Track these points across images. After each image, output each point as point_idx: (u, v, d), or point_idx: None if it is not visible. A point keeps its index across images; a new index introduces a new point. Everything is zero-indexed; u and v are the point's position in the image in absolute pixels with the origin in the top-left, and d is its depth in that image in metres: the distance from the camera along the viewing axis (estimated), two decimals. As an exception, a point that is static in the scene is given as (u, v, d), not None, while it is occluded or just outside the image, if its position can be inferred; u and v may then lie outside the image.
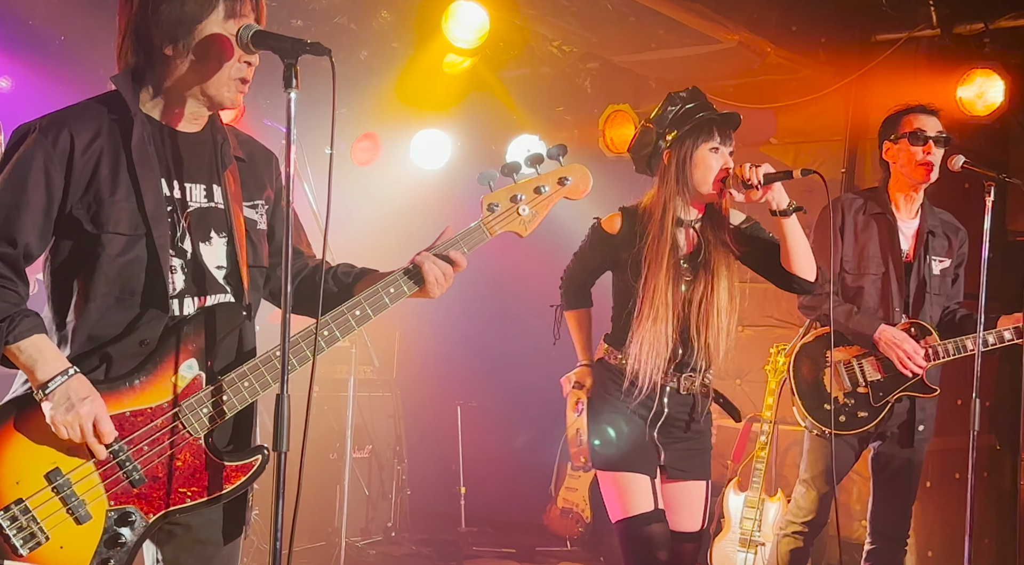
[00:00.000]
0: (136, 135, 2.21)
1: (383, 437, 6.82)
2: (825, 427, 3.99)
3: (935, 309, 4.08)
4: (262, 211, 2.40)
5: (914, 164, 3.98)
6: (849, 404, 3.99)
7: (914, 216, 4.09)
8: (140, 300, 2.20)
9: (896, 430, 4.07)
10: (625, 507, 3.30)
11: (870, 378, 3.98)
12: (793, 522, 4.17)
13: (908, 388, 4.01)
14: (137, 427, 2.17)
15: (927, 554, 5.79)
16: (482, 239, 2.41)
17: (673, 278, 3.30)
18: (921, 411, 4.07)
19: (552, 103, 6.97)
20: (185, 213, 2.25)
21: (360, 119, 7.08)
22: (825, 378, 4.01)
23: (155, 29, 2.20)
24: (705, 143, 3.31)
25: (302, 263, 2.52)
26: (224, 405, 2.21)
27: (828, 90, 5.86)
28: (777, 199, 3.23)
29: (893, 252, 4.05)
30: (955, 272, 4.17)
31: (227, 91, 2.25)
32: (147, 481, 2.17)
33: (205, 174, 2.30)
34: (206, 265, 2.26)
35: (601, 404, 3.42)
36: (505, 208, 2.42)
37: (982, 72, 5.43)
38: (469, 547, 6.56)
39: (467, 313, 7.73)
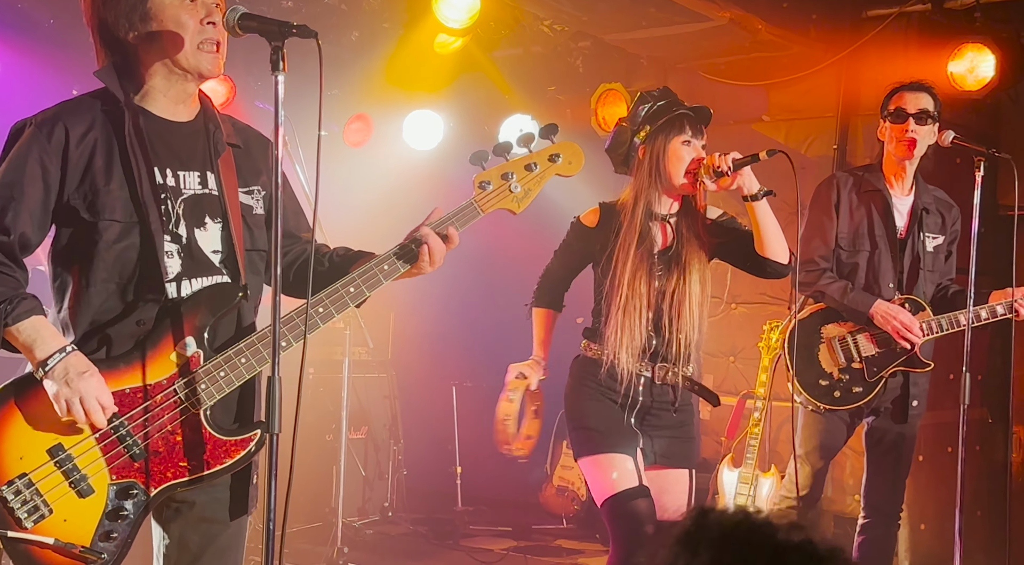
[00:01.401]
0: (128, 125, 2.27)
1: (379, 418, 6.85)
2: (820, 403, 4.02)
3: (928, 285, 4.11)
4: (258, 196, 2.44)
5: (895, 141, 4.02)
6: (844, 379, 4.02)
7: (908, 193, 4.12)
8: (137, 284, 2.26)
9: (890, 405, 4.10)
10: (609, 486, 3.33)
11: (865, 353, 4.01)
12: (787, 497, 4.20)
13: (902, 363, 4.04)
14: (137, 403, 2.21)
15: (920, 527, 5.84)
16: (474, 216, 2.44)
17: (646, 270, 3.35)
18: (914, 386, 4.10)
19: (544, 83, 6.96)
20: (179, 200, 2.30)
21: (352, 100, 7.06)
22: (820, 354, 4.03)
23: (113, 21, 2.28)
24: (677, 137, 3.39)
25: (301, 248, 2.56)
26: (222, 381, 2.25)
27: (819, 67, 5.85)
28: (747, 184, 3.29)
29: (887, 229, 4.07)
30: (948, 249, 4.20)
31: (199, 58, 2.30)
32: (147, 455, 2.21)
33: (199, 161, 2.36)
34: (202, 249, 2.32)
35: (578, 394, 3.46)
36: (497, 186, 2.44)
37: (973, 47, 5.43)
38: (466, 526, 6.61)
39: (462, 293, 7.75)
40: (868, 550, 4.19)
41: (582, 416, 3.43)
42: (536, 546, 6.30)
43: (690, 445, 3.52)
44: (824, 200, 4.11)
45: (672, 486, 3.46)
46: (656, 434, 3.44)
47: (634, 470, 3.35)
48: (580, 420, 3.44)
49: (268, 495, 2.05)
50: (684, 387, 3.45)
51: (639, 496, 3.31)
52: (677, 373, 3.41)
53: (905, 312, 3.97)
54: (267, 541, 2.04)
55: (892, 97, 4.08)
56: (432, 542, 6.36)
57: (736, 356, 6.34)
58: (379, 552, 5.99)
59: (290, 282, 2.51)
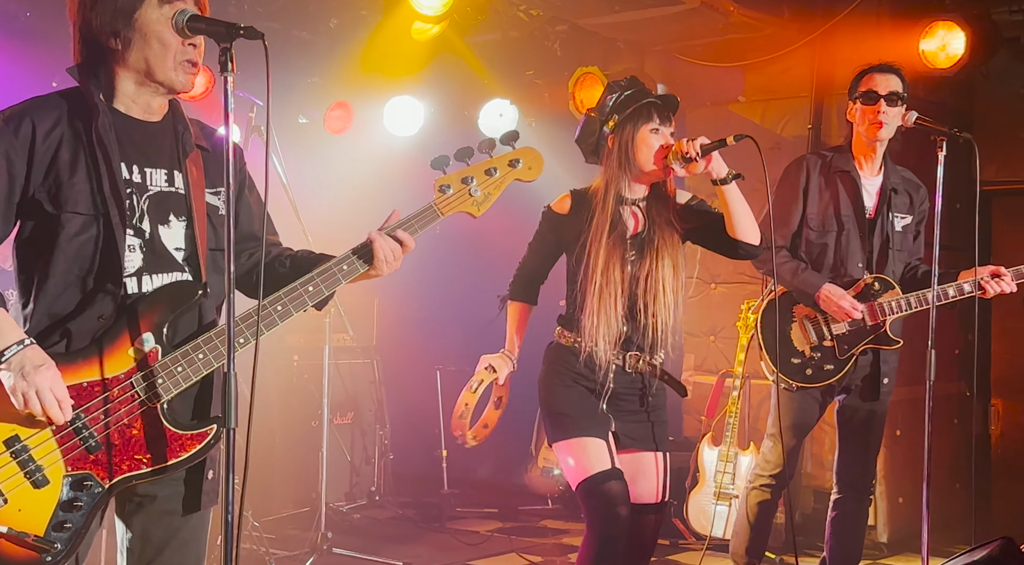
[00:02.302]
0: (96, 122, 2.30)
1: (364, 403, 6.91)
2: (793, 380, 4.07)
3: (898, 264, 4.16)
4: (223, 198, 2.47)
5: (866, 122, 4.06)
6: (816, 357, 4.07)
7: (877, 173, 4.16)
8: (96, 277, 2.29)
9: (860, 383, 4.16)
10: (583, 469, 3.37)
11: (836, 331, 4.06)
12: (761, 475, 4.26)
13: (872, 341, 4.09)
14: (94, 396, 2.26)
15: (898, 501, 5.92)
16: (433, 219, 2.48)
17: (619, 256, 3.38)
18: (885, 364, 4.16)
19: (522, 67, 6.97)
20: (144, 196, 2.34)
21: (332, 87, 7.08)
22: (792, 333, 4.09)
23: (97, 25, 2.30)
24: (645, 125, 3.42)
25: (267, 250, 2.59)
26: (179, 376, 2.29)
27: (793, 47, 5.88)
28: (716, 168, 3.33)
29: (856, 209, 4.11)
30: (916, 228, 4.25)
31: (175, 75, 2.34)
32: (103, 448, 2.25)
33: (166, 160, 2.40)
34: (164, 246, 2.35)
35: (551, 381, 3.49)
36: (457, 190, 2.49)
37: (943, 24, 5.47)
38: (452, 508, 6.68)
39: (445, 278, 7.80)
40: (841, 525, 4.26)
41: (555, 402, 3.48)
42: (522, 527, 6.38)
43: (662, 429, 3.56)
44: (792, 181, 4.16)
45: (645, 469, 3.50)
46: (629, 418, 3.48)
47: (607, 453, 3.39)
48: (553, 406, 3.48)
49: (226, 488, 2.10)
50: (654, 376, 3.49)
51: (612, 478, 3.36)
52: (649, 362, 3.46)
53: (848, 298, 4.02)
54: (226, 533, 2.09)
55: (862, 79, 4.12)
56: (419, 525, 6.44)
57: (716, 335, 6.40)
58: (366, 536, 6.06)
59: (253, 283, 2.55)
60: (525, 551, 5.74)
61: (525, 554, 5.67)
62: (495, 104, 6.94)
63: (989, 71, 6.04)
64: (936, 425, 4.03)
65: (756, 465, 4.34)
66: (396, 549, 5.75)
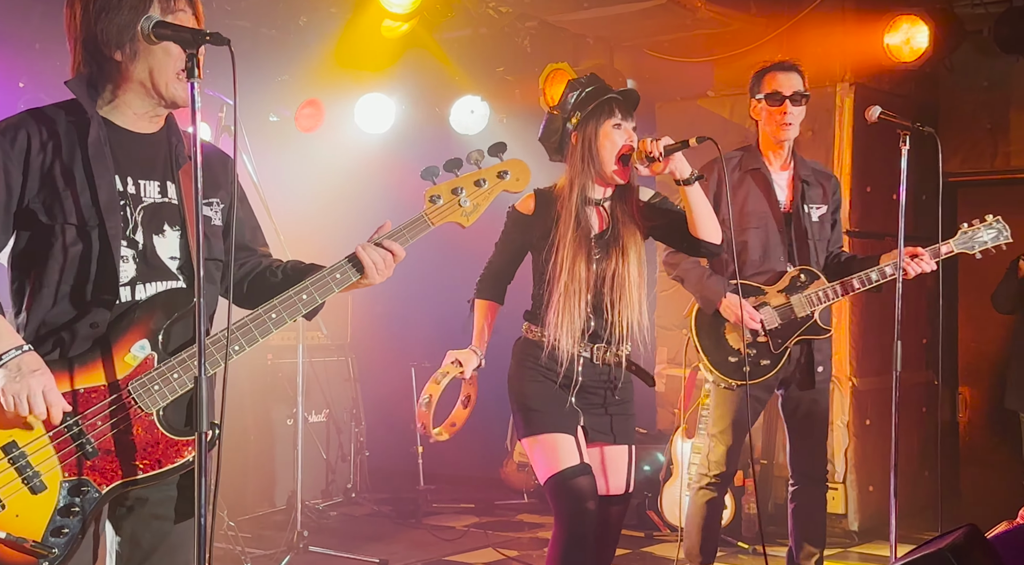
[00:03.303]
0: (92, 134, 2.34)
1: (340, 401, 6.92)
2: (732, 379, 4.11)
3: (819, 254, 4.22)
4: (216, 208, 2.52)
5: (774, 123, 4.11)
6: (751, 354, 4.10)
7: (786, 168, 4.21)
8: (91, 288, 2.32)
9: (798, 375, 4.21)
10: (552, 464, 3.41)
11: (768, 326, 4.11)
12: (706, 475, 4.28)
13: (804, 332, 4.14)
14: (91, 403, 2.28)
15: (868, 489, 6.00)
16: (424, 229, 2.54)
17: (584, 254, 3.42)
18: (818, 353, 4.22)
19: (493, 63, 7.00)
20: (138, 207, 2.38)
21: (302, 85, 7.08)
22: (727, 332, 4.13)
23: (102, 38, 2.33)
24: (608, 120, 3.45)
25: (256, 260, 2.64)
26: (175, 382, 2.31)
27: (761, 42, 5.94)
28: (679, 169, 3.37)
29: (771, 204, 4.16)
30: (832, 217, 4.32)
31: (179, 88, 2.37)
32: (100, 454, 2.27)
33: (160, 172, 2.43)
34: (159, 256, 2.39)
35: (520, 376, 3.52)
36: (447, 200, 2.54)
37: (907, 18, 5.54)
38: (428, 504, 6.71)
39: (418, 275, 7.80)
40: (801, 514, 4.31)
41: (524, 397, 3.51)
42: (498, 522, 6.42)
43: (630, 422, 3.61)
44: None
45: (613, 462, 3.55)
46: (597, 411, 3.52)
47: (575, 448, 3.43)
48: (522, 401, 3.51)
49: (198, 490, 2.12)
50: (624, 367, 3.53)
51: (581, 474, 3.40)
52: (616, 354, 3.50)
53: (748, 306, 4.06)
54: (199, 534, 2.11)
55: (764, 78, 4.16)
56: (395, 522, 6.46)
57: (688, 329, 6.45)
58: (342, 534, 6.08)
59: (244, 294, 2.59)
60: (501, 545, 5.78)
61: (501, 548, 5.71)
62: (466, 101, 6.96)
63: (953, 64, 6.13)
64: (905, 414, 4.10)
65: (700, 465, 4.35)
66: (373, 546, 5.78)
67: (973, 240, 4.15)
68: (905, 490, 5.09)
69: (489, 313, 3.66)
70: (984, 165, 6.38)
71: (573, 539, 3.38)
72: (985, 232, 4.15)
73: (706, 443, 4.35)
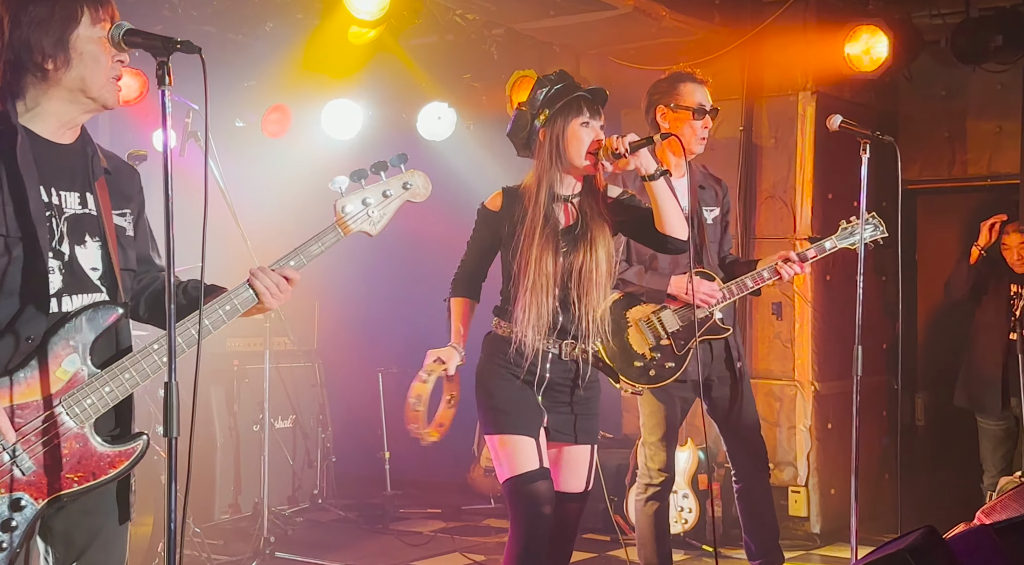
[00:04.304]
0: (18, 145, 2.34)
1: (306, 406, 6.91)
2: (638, 384, 4.15)
3: (713, 256, 4.33)
4: (129, 219, 2.56)
5: (693, 136, 4.20)
6: (656, 357, 4.15)
7: (683, 175, 4.26)
8: (20, 299, 2.33)
9: (724, 372, 4.29)
10: (511, 466, 3.45)
11: (670, 329, 4.16)
12: (650, 485, 4.31)
13: (705, 332, 4.21)
14: (25, 420, 2.30)
15: (830, 492, 6.08)
16: (336, 239, 2.60)
17: (552, 249, 3.46)
18: (734, 349, 4.32)
19: (460, 70, 7.03)
20: (63, 218, 2.40)
21: (269, 91, 7.07)
22: (630, 337, 4.16)
23: (32, 48, 2.34)
24: (576, 118, 3.49)
25: (153, 275, 2.67)
26: (107, 396, 2.35)
27: (724, 51, 6.01)
28: (645, 165, 3.42)
29: None
30: (724, 219, 4.42)
31: (108, 91, 2.41)
32: (36, 469, 2.29)
33: (79, 183, 2.45)
34: (82, 267, 2.41)
35: (488, 371, 3.55)
36: (356, 210, 2.61)
37: (867, 28, 5.64)
38: (395, 509, 6.72)
39: (386, 280, 7.83)
40: (751, 512, 4.38)
41: (491, 395, 3.53)
42: (465, 527, 6.44)
43: (594, 421, 3.65)
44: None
45: (574, 461, 3.59)
46: (562, 410, 3.56)
47: (536, 452, 3.47)
48: (489, 398, 3.54)
49: (169, 496, 2.13)
50: (590, 363, 3.56)
51: (539, 478, 3.44)
52: (585, 349, 3.54)
53: (703, 282, 4.16)
54: (168, 541, 2.12)
55: (681, 89, 4.23)
56: (362, 527, 6.46)
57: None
58: (308, 540, 6.07)
59: (140, 310, 2.63)
60: (468, 550, 5.80)
61: (468, 553, 5.73)
62: (433, 107, 6.99)
63: (912, 74, 6.24)
64: (865, 418, 4.17)
65: (640, 476, 4.37)
66: (339, 552, 5.78)
67: (852, 235, 4.31)
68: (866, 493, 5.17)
69: (465, 310, 3.69)
70: (942, 173, 6.50)
71: (528, 541, 3.44)
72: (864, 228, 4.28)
73: (644, 453, 4.37)
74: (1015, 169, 6.14)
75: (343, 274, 7.66)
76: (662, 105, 4.25)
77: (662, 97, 4.26)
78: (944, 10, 5.90)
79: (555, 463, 3.55)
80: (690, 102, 4.19)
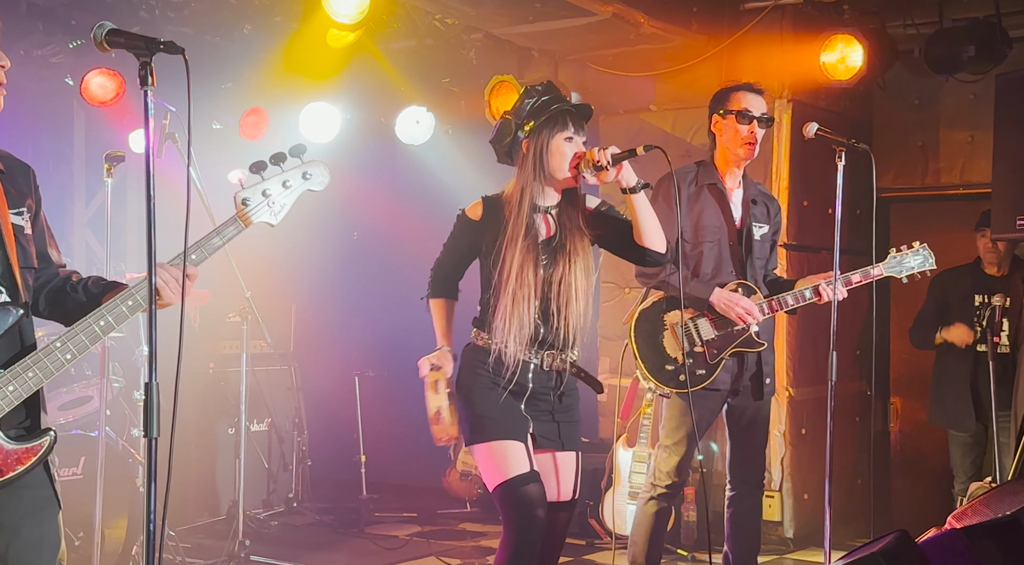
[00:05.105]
0: None
1: (282, 410, 6.89)
2: (667, 387, 4.20)
3: (758, 271, 4.35)
4: (27, 218, 2.56)
5: (740, 141, 4.22)
6: (688, 363, 4.18)
7: (739, 186, 4.33)
8: None
9: (748, 383, 4.32)
10: (502, 472, 3.44)
11: (705, 337, 4.20)
12: (657, 486, 4.34)
13: (740, 344, 4.25)
14: None
15: (803, 497, 6.13)
16: (238, 231, 2.64)
17: (532, 261, 3.47)
18: (767, 365, 4.34)
19: (438, 74, 7.03)
20: None
21: (246, 93, 7.05)
22: (664, 341, 4.21)
23: None
24: (560, 133, 3.51)
25: (52, 272, 2.67)
26: (11, 395, 2.36)
27: (701, 58, 6.06)
28: (626, 177, 3.44)
29: (727, 220, 4.28)
30: (772, 238, 4.46)
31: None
32: None
33: None
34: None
35: (470, 382, 3.55)
36: (257, 202, 2.65)
37: (842, 38, 5.69)
38: (371, 513, 6.71)
39: (361, 284, 7.82)
40: (740, 520, 4.40)
41: (474, 404, 3.53)
42: (440, 530, 6.43)
43: (576, 428, 3.66)
44: (665, 195, 4.26)
45: (560, 469, 3.60)
46: (545, 419, 3.57)
47: (525, 456, 3.47)
48: (472, 408, 3.54)
49: (148, 497, 2.12)
50: (570, 373, 3.58)
51: (530, 481, 3.44)
52: (564, 360, 3.55)
53: (744, 298, 4.19)
54: (147, 541, 2.12)
55: (732, 96, 4.27)
56: (337, 531, 6.44)
57: (630, 339, 6.53)
58: (283, 543, 6.04)
59: (41, 307, 2.63)
60: (444, 554, 5.79)
61: (444, 557, 5.73)
62: (411, 111, 7.00)
63: (886, 83, 6.30)
64: (838, 423, 4.21)
65: (651, 475, 4.40)
66: (314, 556, 5.76)
67: (901, 265, 4.35)
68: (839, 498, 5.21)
69: (446, 310, 3.70)
70: (915, 181, 6.57)
71: (521, 546, 3.42)
72: (912, 258, 4.35)
73: (656, 454, 4.39)
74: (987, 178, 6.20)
75: (320, 277, 7.66)
76: (716, 113, 4.28)
77: (717, 105, 4.29)
78: (918, 20, 5.97)
79: (542, 471, 3.54)
80: (736, 106, 4.21)
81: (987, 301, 5.60)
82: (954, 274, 5.84)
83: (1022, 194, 4.80)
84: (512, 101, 6.36)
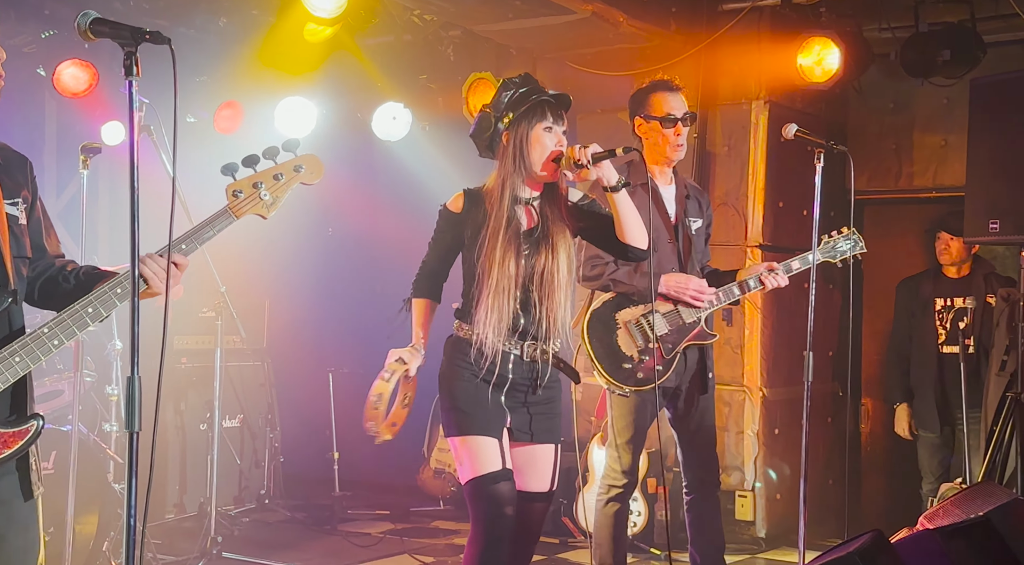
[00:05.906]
0: None
1: (255, 406, 6.85)
2: (625, 385, 4.19)
3: (696, 265, 4.39)
4: (21, 208, 2.57)
5: (668, 145, 4.25)
6: (644, 360, 4.19)
7: (670, 182, 4.36)
8: None
9: (696, 380, 4.33)
10: (474, 467, 3.45)
11: (659, 332, 4.21)
12: (613, 486, 4.33)
13: (693, 338, 4.26)
14: None
15: (776, 497, 6.17)
16: (229, 222, 2.66)
17: (514, 251, 3.48)
18: (708, 359, 4.37)
19: (416, 71, 7.02)
20: None
21: (221, 87, 7.00)
22: (619, 339, 4.19)
23: None
24: (539, 123, 3.52)
25: (48, 262, 2.67)
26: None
27: (680, 58, 6.07)
28: (607, 176, 3.45)
29: (663, 217, 4.30)
30: (707, 231, 4.50)
31: None
32: None
33: None
34: None
35: (451, 373, 3.56)
36: (248, 194, 2.66)
37: (819, 40, 5.73)
38: (344, 511, 6.68)
39: (336, 280, 7.78)
40: (700, 524, 4.40)
41: (453, 396, 3.54)
42: (414, 528, 6.42)
43: (556, 421, 3.66)
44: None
45: (538, 461, 3.60)
46: (524, 410, 3.57)
47: (498, 453, 3.48)
48: (451, 400, 3.54)
49: (128, 492, 2.10)
50: (551, 364, 3.58)
51: (502, 479, 3.45)
52: (545, 350, 3.55)
53: (693, 278, 4.23)
54: (127, 537, 2.09)
55: (651, 99, 4.29)
56: (310, 528, 6.41)
57: (605, 338, 6.54)
58: (255, 541, 6.01)
59: (35, 296, 2.63)
60: (417, 552, 5.78)
61: (417, 555, 5.72)
62: (388, 107, 6.97)
63: (861, 86, 6.36)
64: (811, 424, 4.24)
65: (604, 476, 4.39)
66: (287, 553, 5.73)
67: (835, 250, 4.43)
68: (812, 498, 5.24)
69: (426, 311, 3.69)
70: (889, 184, 6.63)
71: (489, 542, 3.44)
72: (844, 242, 4.43)
73: (610, 454, 4.39)
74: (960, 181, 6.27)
75: (294, 273, 7.61)
76: (638, 116, 4.30)
77: (638, 108, 4.31)
78: (894, 24, 6.02)
79: (519, 462, 3.55)
80: (659, 112, 4.24)
81: (950, 304, 5.67)
82: (915, 281, 5.92)
83: (995, 198, 4.85)
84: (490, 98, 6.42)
